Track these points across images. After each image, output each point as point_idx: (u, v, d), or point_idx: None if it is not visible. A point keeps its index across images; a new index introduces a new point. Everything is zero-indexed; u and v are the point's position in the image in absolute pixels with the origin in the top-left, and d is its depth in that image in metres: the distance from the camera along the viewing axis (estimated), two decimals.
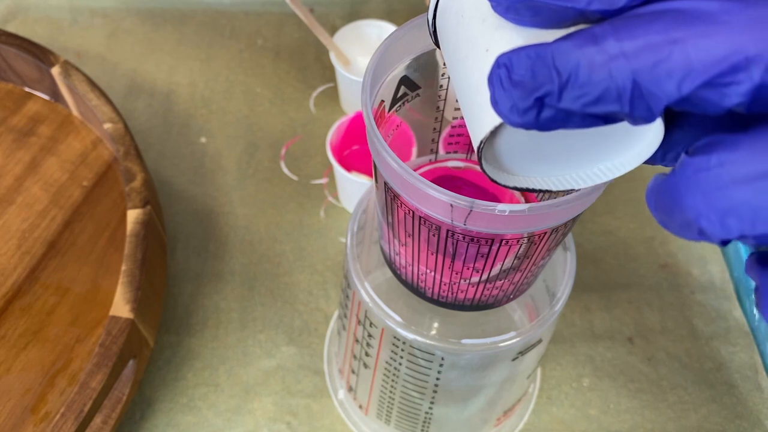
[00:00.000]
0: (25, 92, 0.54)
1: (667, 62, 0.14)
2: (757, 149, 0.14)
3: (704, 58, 0.13)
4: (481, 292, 0.31)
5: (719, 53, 0.13)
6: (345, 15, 0.66)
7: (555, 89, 0.14)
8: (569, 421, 0.45)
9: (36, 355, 0.42)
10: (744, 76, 0.13)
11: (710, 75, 0.13)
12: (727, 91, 0.14)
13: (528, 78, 0.15)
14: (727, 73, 0.13)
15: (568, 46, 0.14)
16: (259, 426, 0.44)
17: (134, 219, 0.43)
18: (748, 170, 0.14)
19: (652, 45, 0.14)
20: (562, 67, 0.14)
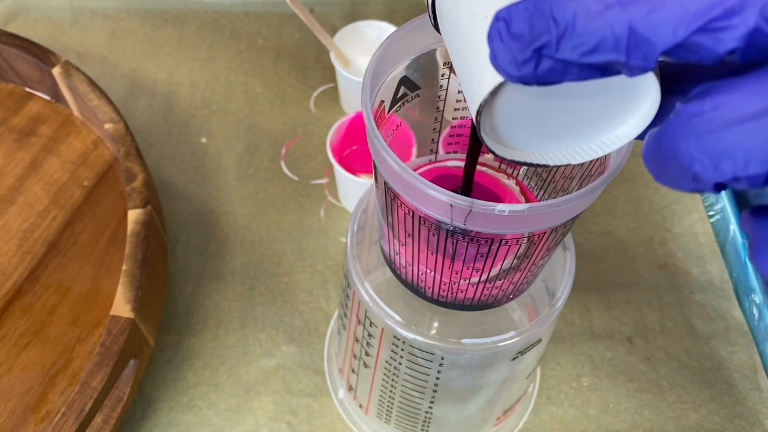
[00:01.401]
0: (25, 92, 0.55)
1: (662, 8, 0.14)
2: (749, 91, 0.14)
3: (699, 3, 0.13)
4: (480, 292, 0.31)
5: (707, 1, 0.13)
6: (345, 15, 0.66)
7: (553, 39, 0.15)
8: (569, 421, 0.45)
9: (37, 355, 0.43)
10: (738, 20, 0.13)
11: (705, 20, 0.13)
12: (721, 36, 0.14)
13: (526, 30, 0.15)
14: (722, 17, 0.13)
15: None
16: (259, 425, 0.44)
17: (135, 219, 0.43)
18: (740, 112, 0.14)
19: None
20: (559, 17, 0.14)
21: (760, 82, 0.14)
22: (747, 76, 0.14)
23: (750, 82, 0.14)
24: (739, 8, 0.13)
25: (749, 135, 0.14)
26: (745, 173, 0.14)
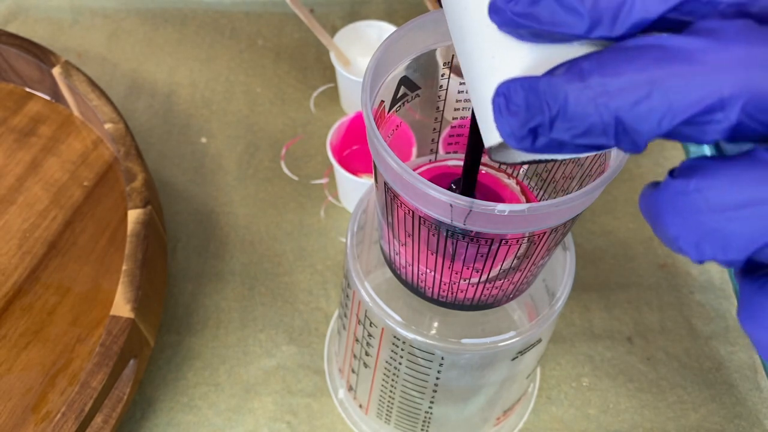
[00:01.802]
0: (26, 92, 0.55)
1: (646, 102, 0.14)
2: (734, 179, 0.14)
3: (681, 98, 0.14)
4: (480, 292, 0.31)
5: (696, 95, 0.14)
6: (345, 15, 0.66)
7: (546, 121, 0.15)
8: (569, 421, 0.45)
9: (37, 355, 0.43)
10: (721, 116, 0.14)
11: (688, 115, 0.14)
12: (706, 128, 0.14)
13: (523, 109, 0.15)
14: (705, 113, 0.14)
15: (558, 81, 0.15)
16: (259, 425, 0.44)
17: (135, 219, 0.43)
18: (723, 199, 0.14)
19: (633, 84, 0.14)
20: (552, 101, 0.15)
21: (744, 171, 0.14)
22: (733, 161, 0.14)
23: (735, 169, 0.14)
24: (721, 106, 0.14)
25: (730, 224, 0.14)
26: (724, 258, 0.14)
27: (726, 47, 0.14)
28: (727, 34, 0.14)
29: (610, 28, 0.15)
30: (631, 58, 0.14)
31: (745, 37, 0.14)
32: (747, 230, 0.14)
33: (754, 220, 0.14)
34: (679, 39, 0.14)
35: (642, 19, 0.14)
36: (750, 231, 0.14)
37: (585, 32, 0.15)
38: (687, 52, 0.14)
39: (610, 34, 0.15)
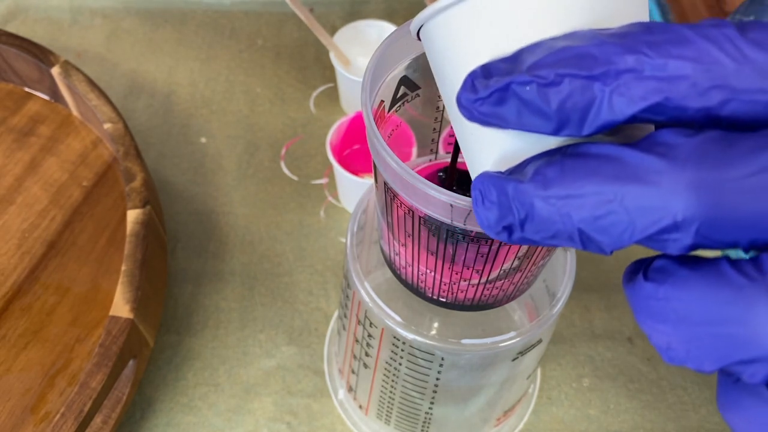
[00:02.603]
0: (25, 92, 0.54)
1: (606, 218, 0.14)
2: (700, 295, 0.14)
3: (638, 218, 0.14)
4: (481, 292, 0.31)
5: (652, 216, 0.14)
6: (345, 15, 0.66)
7: (517, 223, 0.15)
8: (569, 422, 0.45)
9: (36, 355, 0.42)
10: (678, 236, 0.14)
11: (646, 234, 0.14)
12: (666, 245, 0.14)
13: (496, 206, 0.16)
14: (661, 233, 0.14)
15: (524, 187, 0.15)
16: (259, 426, 0.44)
17: (134, 219, 0.43)
18: (690, 314, 0.14)
19: (594, 199, 0.14)
20: (520, 205, 0.15)
21: (711, 287, 0.14)
22: (702, 272, 0.14)
23: (703, 283, 0.14)
24: (676, 228, 0.14)
25: (696, 339, 0.14)
26: (693, 368, 0.14)
27: (679, 168, 0.14)
28: (682, 152, 0.14)
29: (578, 129, 0.15)
30: (593, 170, 0.14)
31: (699, 157, 0.14)
32: (713, 349, 0.14)
33: (720, 340, 0.14)
34: (636, 155, 0.14)
35: (610, 120, 0.15)
36: (716, 350, 0.14)
37: (552, 132, 0.15)
38: (643, 170, 0.14)
39: (578, 134, 0.15)
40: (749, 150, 0.13)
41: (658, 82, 0.14)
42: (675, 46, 0.14)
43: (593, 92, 0.14)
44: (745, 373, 0.14)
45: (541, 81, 0.15)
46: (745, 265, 0.14)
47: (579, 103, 0.14)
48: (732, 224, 0.13)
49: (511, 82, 0.15)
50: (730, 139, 0.14)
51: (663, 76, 0.14)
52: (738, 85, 0.14)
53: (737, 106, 0.14)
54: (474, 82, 0.16)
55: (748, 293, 0.13)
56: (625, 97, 0.14)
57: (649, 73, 0.14)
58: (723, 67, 0.14)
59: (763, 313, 0.13)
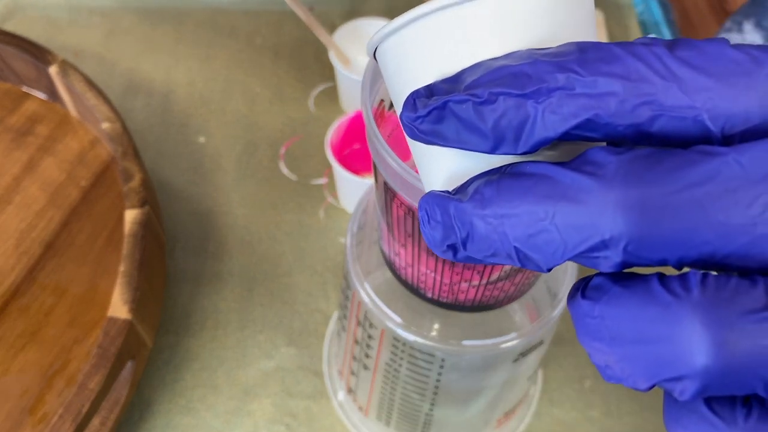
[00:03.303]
0: (22, 92, 0.54)
1: (540, 237, 0.15)
2: (631, 314, 0.14)
3: (568, 236, 0.14)
4: (482, 293, 0.30)
5: (581, 235, 0.14)
6: (344, 13, 0.66)
7: (459, 242, 0.16)
8: (571, 423, 0.45)
9: (34, 357, 0.42)
10: (607, 253, 0.14)
11: (577, 251, 0.14)
12: (597, 262, 0.14)
13: (441, 226, 0.16)
14: (591, 251, 0.14)
15: (464, 207, 0.15)
16: (258, 427, 0.44)
17: (132, 219, 0.42)
18: (621, 332, 0.14)
19: (527, 218, 0.15)
20: (461, 224, 0.16)
21: (642, 306, 0.14)
22: (634, 290, 0.14)
23: (634, 301, 0.14)
24: (604, 246, 0.14)
25: (628, 358, 0.14)
26: (628, 385, 0.15)
27: (607, 187, 0.14)
28: (609, 171, 0.14)
29: (514, 146, 0.15)
30: (526, 189, 0.15)
31: (625, 175, 0.14)
32: (643, 367, 0.14)
33: (649, 358, 0.14)
34: (567, 174, 0.14)
35: (544, 138, 0.15)
36: (646, 368, 0.14)
37: (490, 150, 0.16)
38: (573, 189, 0.14)
39: (515, 152, 0.15)
40: (674, 168, 0.14)
41: (588, 99, 0.14)
42: (605, 63, 0.14)
43: (526, 110, 0.15)
44: (675, 390, 0.14)
45: (476, 99, 0.15)
46: (673, 282, 0.14)
47: (513, 120, 0.15)
48: (658, 242, 0.14)
49: (448, 100, 0.15)
50: (657, 156, 0.14)
51: (592, 93, 0.14)
52: (666, 102, 0.14)
53: (666, 123, 0.14)
54: (415, 101, 0.16)
55: (674, 310, 0.13)
56: (556, 115, 0.14)
57: (579, 91, 0.14)
58: (651, 85, 0.14)
59: (687, 330, 0.13)
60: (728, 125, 0.14)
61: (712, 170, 0.13)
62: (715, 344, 0.13)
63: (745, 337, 0.13)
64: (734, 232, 0.13)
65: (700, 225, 0.13)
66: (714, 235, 0.13)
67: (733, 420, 0.14)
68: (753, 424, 0.14)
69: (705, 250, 0.14)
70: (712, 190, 0.13)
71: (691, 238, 0.13)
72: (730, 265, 0.14)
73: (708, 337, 0.13)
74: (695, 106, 0.14)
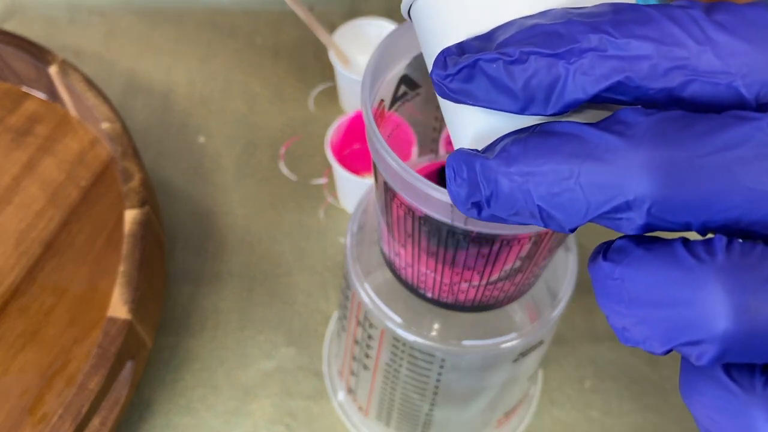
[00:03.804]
0: (22, 92, 0.54)
1: (564, 195, 0.14)
2: (652, 277, 0.14)
3: (593, 196, 0.14)
4: (482, 293, 0.30)
5: (605, 195, 0.14)
6: (344, 13, 0.66)
7: (483, 200, 0.16)
8: (571, 423, 0.45)
9: (33, 357, 0.42)
10: (631, 215, 0.14)
11: (601, 211, 0.14)
12: (620, 224, 0.14)
13: (466, 183, 0.16)
14: (615, 211, 0.14)
15: (490, 164, 0.15)
16: (258, 428, 0.44)
17: (132, 219, 0.42)
18: (642, 294, 0.14)
19: (553, 176, 0.14)
20: (486, 182, 0.15)
21: (663, 269, 0.14)
22: (657, 253, 0.14)
23: (656, 264, 0.14)
24: (628, 207, 0.14)
25: (647, 321, 0.14)
26: (645, 349, 0.15)
27: (635, 147, 0.14)
28: (638, 131, 0.14)
29: (544, 107, 0.15)
30: (553, 148, 0.15)
31: (654, 136, 0.14)
32: (661, 330, 0.14)
33: (668, 321, 0.14)
34: (595, 134, 0.14)
35: (574, 99, 0.15)
36: (664, 331, 0.14)
37: (519, 110, 0.15)
38: (600, 149, 0.14)
39: (544, 113, 0.15)
40: (704, 131, 0.13)
41: (620, 62, 0.14)
42: (639, 26, 0.14)
43: (558, 70, 0.14)
44: (692, 354, 0.14)
45: (507, 58, 0.15)
46: (697, 247, 0.14)
47: (544, 81, 0.15)
48: (683, 205, 0.13)
49: (478, 59, 0.15)
50: (688, 119, 0.14)
51: (625, 56, 0.14)
52: (699, 67, 0.14)
53: (698, 88, 0.14)
54: (446, 59, 0.16)
55: (697, 275, 0.13)
56: (588, 76, 0.14)
57: (611, 52, 0.14)
58: (685, 49, 0.14)
59: (710, 294, 0.13)
60: (764, 92, 0.14)
61: (743, 135, 0.13)
62: (737, 309, 0.13)
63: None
64: (763, 199, 0.13)
65: (728, 189, 0.13)
66: (741, 200, 0.13)
67: (751, 387, 0.14)
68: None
69: (731, 215, 0.13)
70: (743, 155, 0.13)
71: (717, 202, 0.13)
72: (755, 233, 0.13)
73: (731, 302, 0.13)
74: (729, 71, 0.14)
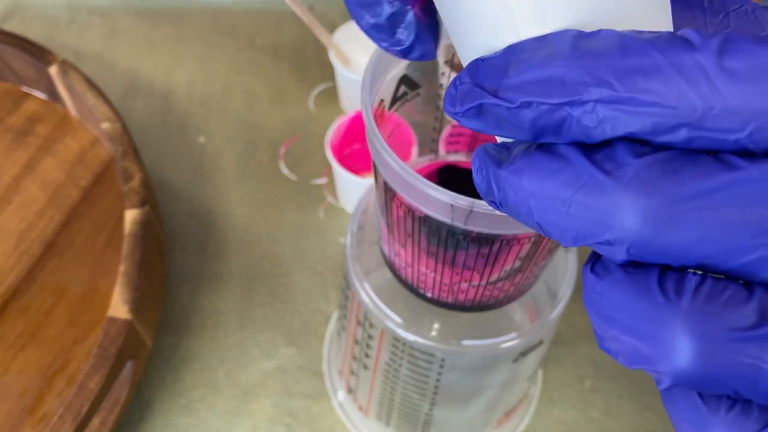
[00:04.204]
0: (22, 92, 0.54)
1: (558, 221, 0.15)
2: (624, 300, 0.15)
3: (581, 227, 0.15)
4: (481, 293, 0.30)
5: (591, 229, 0.14)
6: (344, 13, 0.66)
7: (497, 202, 0.16)
8: (570, 423, 0.45)
9: (34, 357, 0.42)
10: (613, 250, 0.14)
11: (588, 242, 0.15)
12: (604, 253, 0.15)
13: (485, 183, 0.17)
14: (599, 244, 0.14)
15: (500, 174, 0.16)
16: (258, 427, 0.44)
17: (132, 219, 0.42)
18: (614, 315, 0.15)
19: (551, 202, 0.15)
20: (497, 189, 0.16)
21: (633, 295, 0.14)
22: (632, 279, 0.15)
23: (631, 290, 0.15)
24: (609, 243, 0.14)
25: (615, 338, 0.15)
26: (614, 358, 0.15)
27: (621, 190, 0.14)
28: (627, 173, 0.14)
29: (556, 137, 0.15)
30: (553, 172, 0.15)
31: (640, 181, 0.14)
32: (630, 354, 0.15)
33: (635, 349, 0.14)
34: (588, 168, 0.15)
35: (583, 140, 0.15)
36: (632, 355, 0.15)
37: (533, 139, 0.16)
38: (589, 185, 0.14)
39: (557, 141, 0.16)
40: (689, 177, 0.14)
41: (625, 116, 0.14)
42: (644, 78, 0.14)
43: (562, 115, 0.15)
44: (655, 378, 0.14)
45: (509, 105, 0.15)
46: (669, 282, 0.14)
47: (550, 122, 0.15)
48: (660, 249, 0.14)
49: (482, 103, 0.16)
50: (678, 163, 0.14)
51: (629, 111, 0.14)
52: (705, 125, 0.14)
53: (702, 143, 0.14)
54: (455, 93, 0.17)
55: (662, 313, 0.14)
56: (590, 128, 0.15)
57: (614, 107, 0.14)
58: (692, 107, 0.14)
59: (670, 335, 0.14)
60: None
61: (723, 184, 0.13)
62: (695, 353, 0.13)
63: (726, 352, 0.13)
64: (735, 249, 0.13)
65: (703, 240, 0.13)
66: (714, 250, 0.13)
67: (716, 410, 0.14)
68: (733, 416, 0.14)
69: (707, 261, 0.14)
70: (716, 204, 0.13)
71: (692, 251, 0.14)
72: (731, 277, 0.14)
73: (689, 345, 0.13)
74: (736, 128, 0.13)
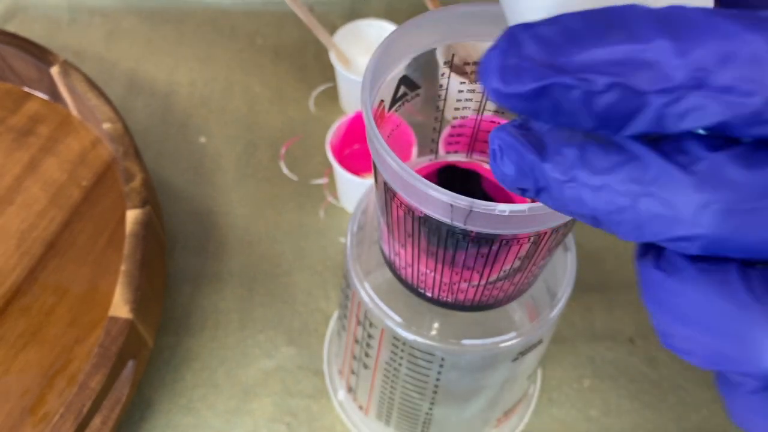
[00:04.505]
0: (24, 92, 0.54)
1: (618, 215, 0.14)
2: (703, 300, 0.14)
3: (647, 224, 0.14)
4: (481, 293, 0.30)
5: (660, 225, 0.14)
6: (345, 14, 0.66)
7: (533, 189, 0.15)
8: (570, 422, 0.45)
9: (35, 356, 0.42)
10: (684, 245, 0.14)
11: (655, 239, 0.14)
12: (673, 248, 0.14)
13: (514, 168, 0.15)
14: (669, 240, 0.14)
15: (544, 168, 0.15)
16: (258, 427, 0.44)
17: (133, 219, 0.42)
18: (690, 314, 0.14)
19: (608, 196, 0.14)
20: (538, 178, 0.15)
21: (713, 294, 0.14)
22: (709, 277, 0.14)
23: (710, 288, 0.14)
24: (682, 240, 0.14)
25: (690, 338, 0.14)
26: (683, 357, 0.15)
27: (695, 185, 0.13)
28: (702, 167, 0.13)
29: (614, 131, 0.14)
30: (613, 165, 0.14)
31: (716, 176, 0.13)
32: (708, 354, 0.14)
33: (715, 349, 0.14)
34: (658, 162, 0.14)
35: (651, 132, 0.14)
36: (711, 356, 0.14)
37: (586, 130, 0.14)
38: (661, 180, 0.13)
39: (611, 134, 0.14)
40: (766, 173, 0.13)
41: (719, 106, 0.13)
42: (746, 65, 0.12)
43: (642, 103, 0.13)
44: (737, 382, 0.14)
45: (591, 88, 0.13)
46: (754, 279, 0.13)
47: (623, 110, 0.13)
48: (737, 246, 0.13)
49: (554, 83, 0.13)
50: (755, 158, 0.13)
51: (727, 101, 0.13)
52: None
53: None
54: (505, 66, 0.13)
55: (751, 312, 0.13)
56: (677, 116, 0.13)
57: (710, 95, 0.13)
58: None
59: (761, 334, 0.13)
60: None
61: None
62: None
63: None
64: None
65: None
66: None
67: None
68: None
69: None
70: None
71: None
72: None
73: None
74: None
